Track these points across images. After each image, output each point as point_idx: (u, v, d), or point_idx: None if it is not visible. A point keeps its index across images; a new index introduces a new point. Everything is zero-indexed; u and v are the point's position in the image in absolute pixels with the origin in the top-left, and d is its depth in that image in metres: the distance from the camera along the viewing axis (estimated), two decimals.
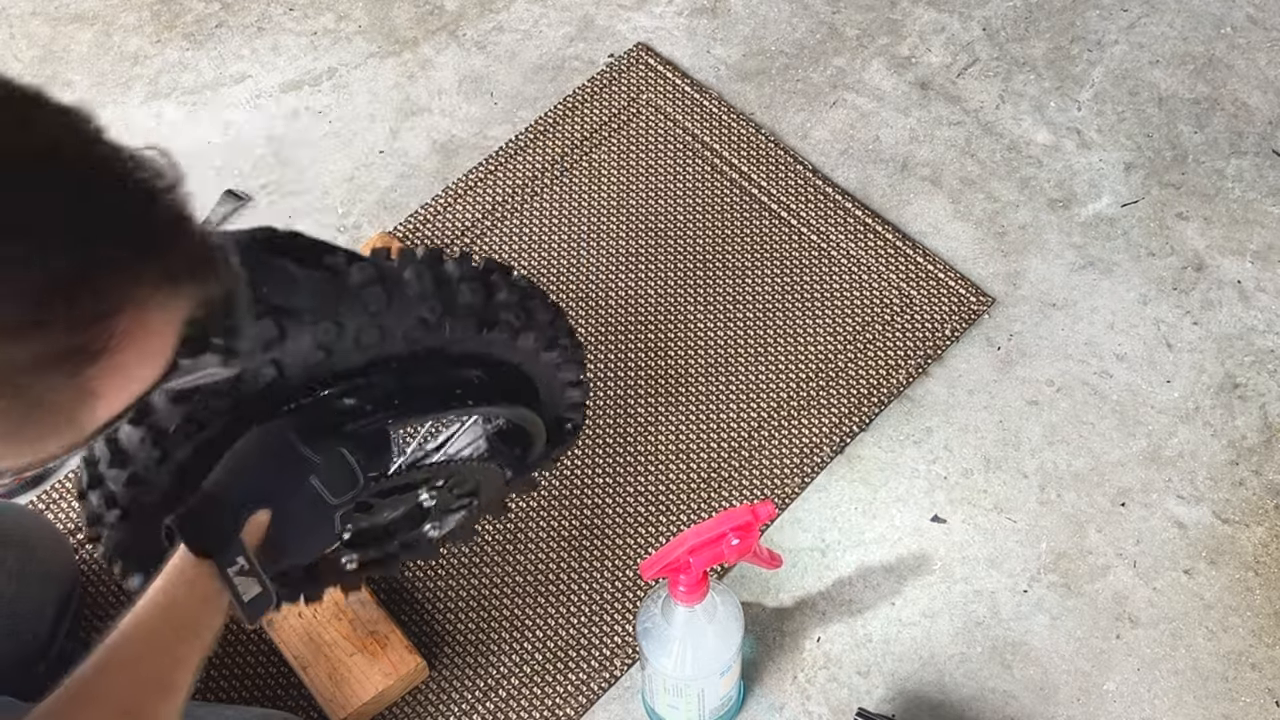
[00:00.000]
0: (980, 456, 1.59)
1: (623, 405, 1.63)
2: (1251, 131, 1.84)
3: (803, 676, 1.46)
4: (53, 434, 0.62)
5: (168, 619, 0.96)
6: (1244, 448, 1.59)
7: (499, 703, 1.45)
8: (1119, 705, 1.43)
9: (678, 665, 1.30)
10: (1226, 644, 1.46)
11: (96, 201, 0.60)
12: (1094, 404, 1.62)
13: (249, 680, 1.46)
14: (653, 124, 1.86)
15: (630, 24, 1.97)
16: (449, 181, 1.82)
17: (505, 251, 1.76)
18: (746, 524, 1.20)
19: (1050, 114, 1.87)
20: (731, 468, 1.59)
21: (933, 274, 1.72)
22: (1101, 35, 1.94)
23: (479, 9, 2.00)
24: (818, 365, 1.66)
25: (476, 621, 1.50)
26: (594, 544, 1.54)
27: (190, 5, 2.02)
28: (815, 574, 1.52)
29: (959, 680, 1.45)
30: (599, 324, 1.69)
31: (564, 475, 1.58)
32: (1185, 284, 1.71)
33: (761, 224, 1.77)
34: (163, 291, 0.62)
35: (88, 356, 0.60)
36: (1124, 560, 1.52)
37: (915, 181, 1.81)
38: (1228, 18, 1.95)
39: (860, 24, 1.97)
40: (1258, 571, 1.51)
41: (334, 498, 1.05)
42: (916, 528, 1.54)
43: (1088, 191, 1.80)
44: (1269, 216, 1.77)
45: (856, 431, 1.61)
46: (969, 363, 1.66)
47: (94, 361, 0.60)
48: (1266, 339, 1.67)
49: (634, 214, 1.78)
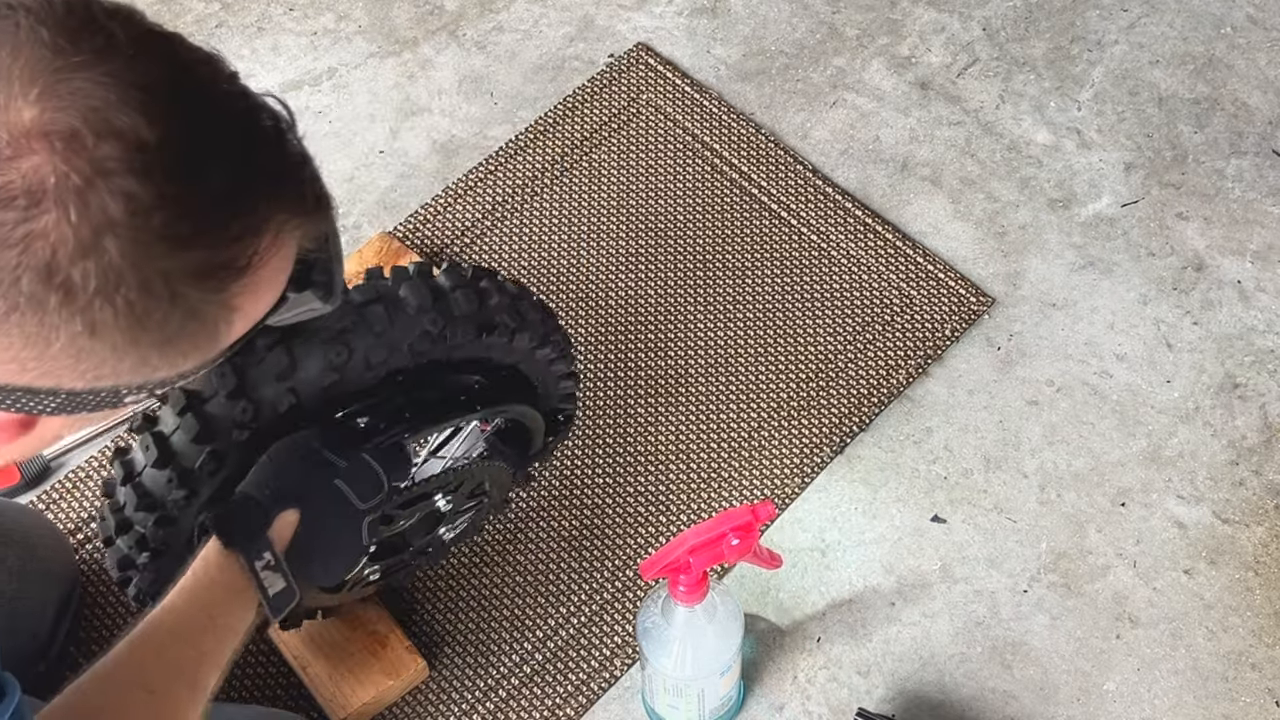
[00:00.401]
0: (980, 456, 1.59)
1: (623, 405, 1.63)
2: (1251, 131, 1.84)
3: (803, 676, 1.46)
4: (196, 347, 0.68)
5: (197, 607, 0.99)
6: (1244, 448, 1.59)
7: (499, 703, 1.45)
8: (1119, 705, 1.43)
9: (678, 665, 1.30)
10: (1226, 644, 1.46)
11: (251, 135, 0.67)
12: (1094, 404, 1.62)
13: (249, 680, 1.46)
14: (653, 124, 1.86)
15: (630, 24, 1.97)
16: (449, 181, 1.82)
17: (505, 251, 1.76)
18: (746, 524, 1.20)
19: (1050, 114, 1.87)
20: (731, 468, 1.59)
21: (933, 274, 1.72)
22: (1101, 35, 1.94)
23: (479, 9, 2.00)
24: (818, 365, 1.66)
25: (476, 621, 1.50)
26: (594, 544, 1.54)
27: (190, 5, 2.02)
28: (815, 574, 1.52)
29: (959, 680, 1.45)
30: (599, 324, 1.69)
31: (564, 475, 1.59)
32: (1185, 284, 1.71)
33: (761, 224, 1.77)
34: (294, 219, 0.69)
35: (234, 272, 0.66)
36: (1124, 560, 1.52)
37: (915, 181, 1.81)
38: (1228, 18, 1.95)
39: (860, 24, 1.97)
40: (1258, 571, 1.51)
41: (361, 502, 1.08)
42: (916, 528, 1.54)
43: (1088, 191, 1.80)
44: (1269, 216, 1.77)
45: (856, 432, 1.61)
46: (969, 363, 1.66)
47: (239, 277, 0.66)
48: (1266, 339, 1.67)
49: (634, 214, 1.78)
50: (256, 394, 1.07)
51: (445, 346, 1.14)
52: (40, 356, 0.63)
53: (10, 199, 0.60)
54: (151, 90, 0.63)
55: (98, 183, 0.60)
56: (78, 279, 0.61)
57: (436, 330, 1.11)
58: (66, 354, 0.63)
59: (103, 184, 0.61)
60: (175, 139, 0.63)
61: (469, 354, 1.17)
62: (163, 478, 1.09)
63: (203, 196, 0.64)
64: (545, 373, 1.26)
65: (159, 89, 0.63)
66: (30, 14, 0.62)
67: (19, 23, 0.62)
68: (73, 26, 0.63)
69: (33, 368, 0.64)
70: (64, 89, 0.61)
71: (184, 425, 1.07)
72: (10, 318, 0.61)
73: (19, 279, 0.60)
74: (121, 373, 0.66)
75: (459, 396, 1.19)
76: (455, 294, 1.13)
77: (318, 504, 1.07)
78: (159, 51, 0.65)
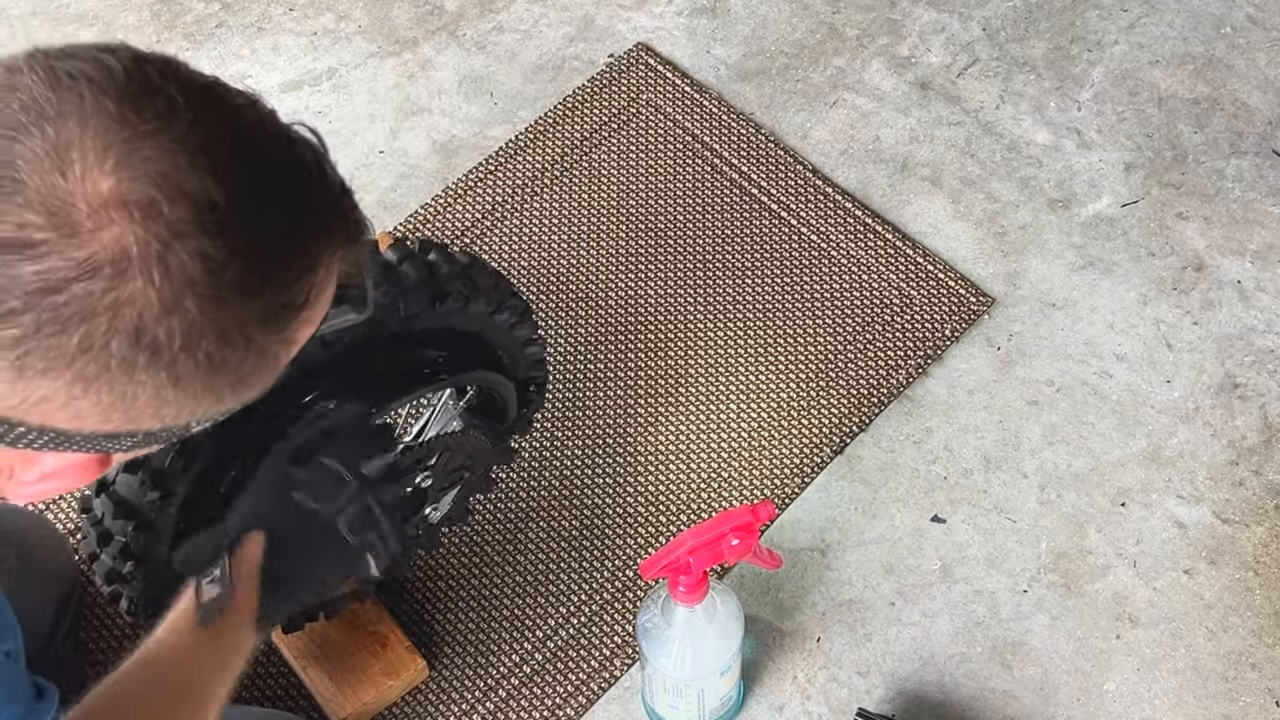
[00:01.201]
0: (980, 456, 1.59)
1: (623, 405, 1.63)
2: (1251, 131, 1.84)
3: (803, 676, 1.46)
4: (261, 380, 0.72)
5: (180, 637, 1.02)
6: (1244, 448, 1.59)
7: (499, 703, 1.45)
8: (1119, 705, 1.43)
9: (678, 665, 1.30)
10: (1226, 644, 1.46)
11: (297, 176, 0.70)
12: (1094, 404, 1.62)
13: (249, 680, 1.46)
14: (653, 124, 1.86)
15: (630, 24, 1.97)
16: (449, 181, 1.82)
17: (505, 251, 1.76)
18: (746, 524, 1.20)
19: (1050, 114, 1.87)
20: (732, 468, 1.59)
21: (933, 274, 1.72)
22: (1101, 35, 1.94)
23: (479, 9, 2.00)
24: (818, 366, 1.66)
25: (476, 621, 1.50)
26: (594, 544, 1.54)
27: (190, 5, 2.02)
28: (815, 574, 1.52)
29: (959, 680, 1.45)
30: (599, 324, 1.69)
31: (564, 475, 1.59)
32: (1185, 284, 1.71)
33: (761, 224, 1.77)
34: (341, 250, 0.72)
35: (294, 309, 0.70)
36: (1124, 560, 1.52)
37: (915, 181, 1.81)
38: (1228, 18, 1.95)
39: (860, 24, 1.97)
40: (1258, 571, 1.51)
41: (321, 505, 1.09)
42: (916, 528, 1.54)
43: (1088, 191, 1.80)
44: (1269, 216, 1.77)
45: (856, 432, 1.61)
46: (969, 363, 1.66)
47: (299, 313, 0.70)
48: (1266, 339, 1.67)
49: (634, 214, 1.78)
50: None
51: (400, 318, 1.15)
52: (127, 409, 0.67)
53: (97, 269, 0.63)
54: (213, 152, 0.66)
55: (175, 245, 0.64)
56: (163, 337, 0.65)
57: (387, 300, 1.12)
58: (150, 404, 0.67)
59: (179, 246, 0.64)
60: (239, 196, 0.66)
61: (428, 324, 1.18)
62: (135, 481, 1.09)
63: (265, 246, 0.67)
64: (507, 339, 1.27)
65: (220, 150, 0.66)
66: (93, 84, 0.65)
67: (83, 94, 0.64)
68: (134, 93, 0.65)
69: (117, 419, 0.67)
70: (135, 158, 0.64)
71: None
72: (100, 379, 0.65)
73: (109, 343, 0.64)
74: (197, 412, 0.70)
75: (422, 369, 1.20)
76: (403, 265, 1.15)
77: (281, 520, 1.09)
78: (214, 109, 0.68)
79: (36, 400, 0.65)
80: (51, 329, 0.63)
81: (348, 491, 1.10)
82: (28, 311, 0.62)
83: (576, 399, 1.64)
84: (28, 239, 0.62)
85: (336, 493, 1.10)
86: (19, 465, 0.73)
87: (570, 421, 1.62)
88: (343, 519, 1.09)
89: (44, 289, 0.62)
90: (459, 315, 1.19)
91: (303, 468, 1.09)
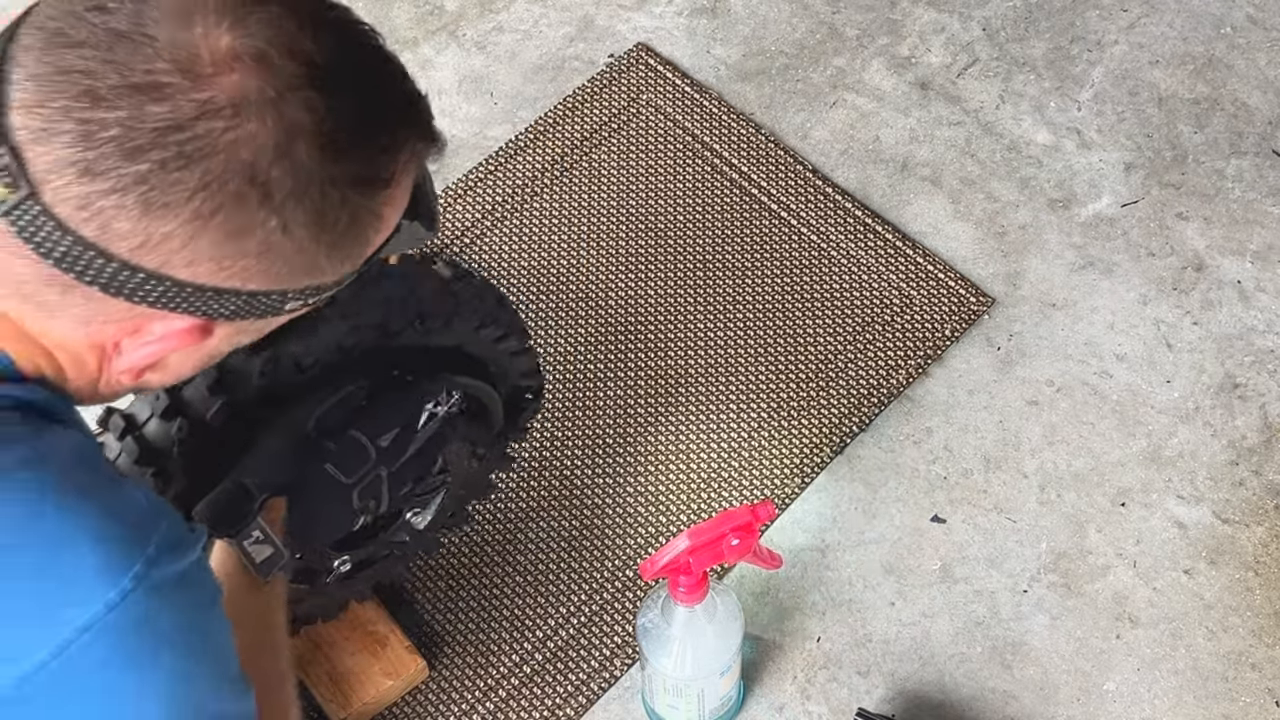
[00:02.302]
0: (980, 456, 1.59)
1: (623, 406, 1.63)
2: (1251, 131, 1.84)
3: (803, 676, 1.46)
4: (350, 254, 0.79)
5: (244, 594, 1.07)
6: (1244, 448, 1.59)
7: (499, 703, 1.45)
8: (1119, 705, 1.43)
9: (678, 665, 1.30)
10: (1226, 644, 1.46)
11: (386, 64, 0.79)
12: (1094, 404, 1.62)
13: None
14: (653, 124, 1.86)
15: (630, 24, 1.97)
16: (449, 181, 1.82)
17: (505, 252, 1.76)
18: (746, 524, 1.20)
19: (1050, 114, 1.87)
20: (731, 468, 1.59)
21: (933, 274, 1.72)
22: (1101, 35, 1.94)
23: (479, 9, 2.00)
24: (818, 366, 1.66)
25: (476, 621, 1.50)
26: (594, 544, 1.54)
27: None
28: (815, 574, 1.52)
29: (959, 680, 1.45)
30: (599, 325, 1.69)
31: (564, 475, 1.59)
32: (1185, 284, 1.71)
33: (761, 224, 1.77)
34: (420, 143, 0.80)
35: (381, 183, 0.77)
36: (1124, 560, 1.52)
37: (915, 181, 1.81)
38: (1228, 18, 1.95)
39: (860, 24, 1.97)
40: (1258, 571, 1.51)
41: (347, 477, 1.15)
42: (916, 528, 1.54)
43: (1088, 191, 1.80)
44: (1269, 216, 1.77)
45: (856, 432, 1.61)
46: (969, 363, 1.66)
47: (384, 188, 0.78)
48: (1266, 339, 1.67)
49: (634, 214, 1.78)
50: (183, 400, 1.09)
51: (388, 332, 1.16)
52: (235, 254, 0.73)
53: (217, 109, 0.70)
54: (316, 22, 0.75)
55: (287, 95, 0.71)
56: (275, 179, 0.72)
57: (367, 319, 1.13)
58: (258, 251, 0.73)
59: (291, 96, 0.72)
60: (339, 61, 0.74)
61: (406, 341, 1.18)
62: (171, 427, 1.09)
63: (358, 110, 0.75)
64: (494, 351, 1.27)
65: (321, 20, 0.75)
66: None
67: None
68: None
69: (227, 266, 0.73)
70: (250, 20, 0.72)
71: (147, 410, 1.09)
72: (216, 217, 0.71)
73: (226, 181, 0.70)
74: (296, 274, 0.77)
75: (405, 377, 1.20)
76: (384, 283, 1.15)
77: (309, 489, 1.13)
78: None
79: (159, 239, 0.71)
80: (176, 164, 0.69)
81: (368, 463, 1.15)
82: (154, 148, 0.69)
83: (576, 399, 1.64)
84: (156, 83, 0.69)
85: (359, 465, 1.15)
86: (127, 339, 0.77)
87: (570, 422, 1.62)
88: (358, 489, 1.15)
89: (169, 127, 0.69)
90: (440, 333, 1.20)
91: (334, 440, 1.14)
